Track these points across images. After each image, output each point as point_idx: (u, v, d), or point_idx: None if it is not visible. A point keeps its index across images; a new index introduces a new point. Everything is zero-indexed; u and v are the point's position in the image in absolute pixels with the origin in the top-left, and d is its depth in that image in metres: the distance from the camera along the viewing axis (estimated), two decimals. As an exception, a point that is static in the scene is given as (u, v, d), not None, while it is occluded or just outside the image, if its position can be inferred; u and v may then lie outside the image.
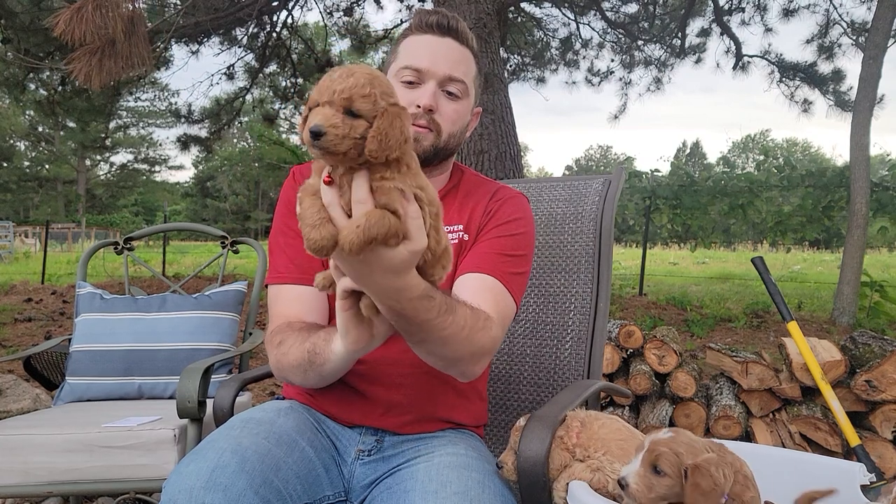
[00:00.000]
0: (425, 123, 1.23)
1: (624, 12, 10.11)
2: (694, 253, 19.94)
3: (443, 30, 1.25)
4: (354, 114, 0.79)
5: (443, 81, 1.25)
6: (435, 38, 1.25)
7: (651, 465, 0.96)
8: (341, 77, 0.80)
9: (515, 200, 1.35)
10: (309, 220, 0.82)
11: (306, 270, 1.23)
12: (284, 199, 1.32)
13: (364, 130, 0.79)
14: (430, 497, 1.01)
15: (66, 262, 15.72)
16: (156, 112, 33.29)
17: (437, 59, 1.24)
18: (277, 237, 1.30)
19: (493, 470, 1.14)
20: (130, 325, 2.24)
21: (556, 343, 1.60)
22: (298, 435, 1.13)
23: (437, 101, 1.24)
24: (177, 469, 0.97)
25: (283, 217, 1.31)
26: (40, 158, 37.88)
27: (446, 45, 1.26)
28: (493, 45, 4.48)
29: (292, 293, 1.24)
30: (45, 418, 1.94)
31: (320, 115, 0.78)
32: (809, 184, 7.69)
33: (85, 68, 4.36)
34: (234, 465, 0.95)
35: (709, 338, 5.66)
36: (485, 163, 4.38)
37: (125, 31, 4.30)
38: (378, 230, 0.79)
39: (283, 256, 1.27)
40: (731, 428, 2.91)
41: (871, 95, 6.02)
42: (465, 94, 1.28)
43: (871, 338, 3.06)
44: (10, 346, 5.34)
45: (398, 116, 0.81)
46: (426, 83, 1.24)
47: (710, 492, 0.93)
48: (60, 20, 4.10)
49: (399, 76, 1.25)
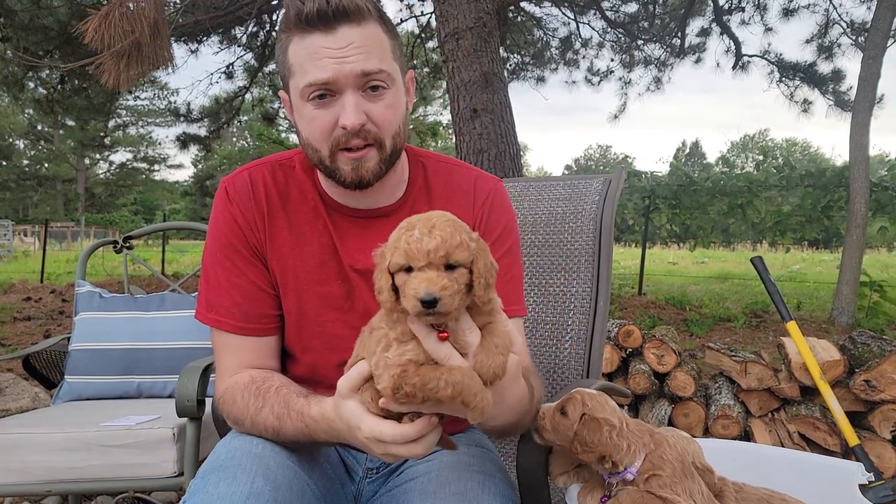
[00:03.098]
0: (359, 143, 1.04)
1: (624, 12, 10.11)
2: (693, 253, 19.96)
3: (327, 19, 0.99)
4: (452, 266, 0.79)
5: (359, 83, 1.02)
6: (325, 37, 1.00)
7: (561, 406, 1.05)
8: (425, 234, 0.79)
9: (498, 198, 1.23)
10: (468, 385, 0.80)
11: (252, 319, 1.13)
12: (219, 223, 1.15)
13: (466, 278, 0.80)
14: (428, 497, 1.01)
15: (66, 260, 15.71)
16: (155, 111, 33.28)
17: (341, 61, 1.00)
18: (217, 270, 1.14)
19: (496, 469, 1.13)
20: (129, 324, 2.24)
21: (555, 342, 1.60)
22: (315, 449, 1.12)
23: (362, 111, 1.03)
24: (204, 487, 0.93)
25: (223, 247, 1.14)
26: (39, 157, 37.87)
27: (343, 37, 1.00)
28: (493, 45, 4.47)
29: (244, 343, 1.13)
30: (44, 417, 1.94)
31: (426, 281, 0.77)
32: (809, 184, 7.69)
33: (113, 71, 4.43)
34: (268, 495, 0.92)
35: (708, 337, 5.67)
36: (484, 162, 4.38)
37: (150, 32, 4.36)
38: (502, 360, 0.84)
39: (224, 296, 1.13)
40: (729, 427, 2.91)
41: (870, 95, 6.02)
42: (390, 80, 1.05)
43: (869, 338, 3.06)
44: (9, 345, 5.34)
45: (484, 251, 0.83)
46: (342, 94, 1.02)
47: (593, 444, 1.00)
48: (90, 27, 4.22)
49: (304, 95, 1.03)
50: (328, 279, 1.15)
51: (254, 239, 1.14)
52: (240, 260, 1.14)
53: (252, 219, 1.14)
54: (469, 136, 4.44)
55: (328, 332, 1.15)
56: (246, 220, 1.14)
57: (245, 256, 1.14)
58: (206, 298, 1.14)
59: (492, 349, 0.82)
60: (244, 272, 1.13)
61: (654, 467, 1.00)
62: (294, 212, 1.16)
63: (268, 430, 1.02)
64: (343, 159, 1.05)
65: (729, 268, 14.98)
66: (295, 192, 1.17)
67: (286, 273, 1.15)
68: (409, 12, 9.74)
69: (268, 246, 1.14)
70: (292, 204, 1.16)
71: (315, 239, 1.15)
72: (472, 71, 4.39)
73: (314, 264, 1.15)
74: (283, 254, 1.15)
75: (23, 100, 10.44)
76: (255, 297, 1.13)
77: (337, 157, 1.05)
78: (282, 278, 1.15)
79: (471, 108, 4.41)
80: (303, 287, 1.15)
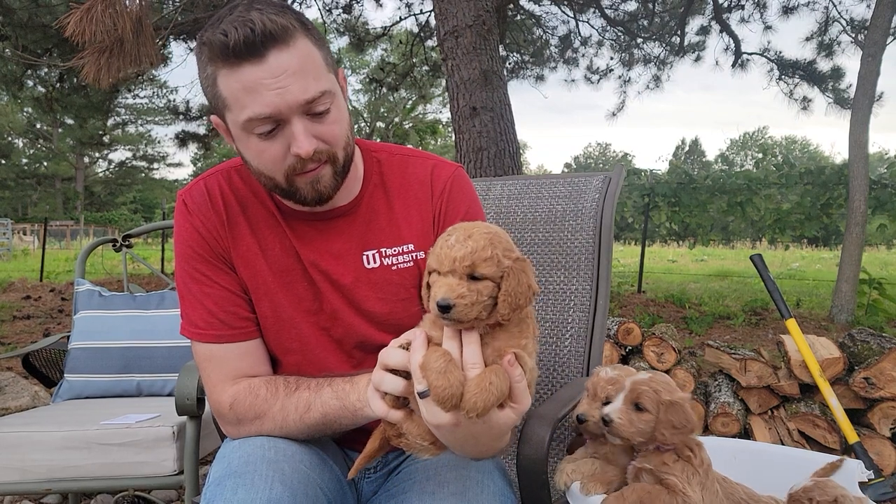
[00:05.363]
0: (315, 164, 1.03)
1: (623, 10, 10.11)
2: (693, 250, 19.97)
3: (255, 48, 0.93)
4: (478, 277, 0.80)
5: (305, 108, 0.98)
6: (257, 67, 0.94)
7: (632, 402, 1.04)
8: (459, 242, 0.80)
9: (457, 185, 1.21)
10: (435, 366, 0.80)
11: (232, 325, 1.12)
12: (183, 236, 1.14)
13: (491, 291, 0.80)
14: (426, 498, 1.01)
15: (65, 259, 15.71)
16: (154, 109, 33.16)
17: (280, 92, 0.95)
18: (188, 283, 1.13)
19: (494, 468, 1.13)
20: (129, 323, 2.24)
21: (555, 340, 1.60)
22: (323, 450, 1.13)
23: (311, 135, 1.00)
24: (222, 494, 0.93)
25: (189, 259, 1.13)
26: (38, 156, 37.79)
27: (277, 65, 0.94)
28: (493, 43, 4.47)
29: (231, 351, 1.12)
30: (44, 416, 1.94)
31: (445, 286, 0.78)
32: (808, 181, 7.68)
33: (94, 67, 4.37)
34: (287, 501, 0.93)
35: (707, 335, 5.67)
36: (483, 160, 4.38)
37: (133, 29, 4.30)
38: (499, 393, 0.80)
39: (200, 308, 1.11)
40: (729, 425, 2.91)
41: (869, 93, 6.01)
42: (330, 96, 1.01)
43: (869, 335, 3.07)
44: (9, 344, 5.34)
45: (523, 272, 0.82)
46: (288, 122, 0.98)
47: (682, 427, 1.01)
48: (71, 21, 4.11)
49: (248, 129, 0.99)
50: (294, 281, 1.15)
51: (218, 247, 1.13)
52: (208, 269, 1.13)
53: (213, 227, 1.13)
54: (468, 135, 4.44)
55: (304, 334, 1.15)
56: (207, 228, 1.13)
57: (213, 264, 1.13)
58: (185, 314, 1.14)
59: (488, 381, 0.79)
60: (215, 280, 1.13)
61: (690, 452, 1.02)
62: (254, 215, 1.16)
63: (299, 408, 1.04)
64: (300, 181, 1.05)
65: (728, 266, 14.99)
66: (252, 197, 1.16)
67: (255, 277, 1.14)
68: (408, 11, 9.74)
69: (233, 252, 1.14)
70: (251, 208, 1.16)
71: (277, 242, 1.15)
72: (472, 69, 4.38)
73: (279, 267, 1.14)
74: (249, 258, 1.14)
75: (21, 98, 10.44)
76: (229, 301, 1.13)
77: (293, 179, 1.05)
78: (251, 283, 1.14)
79: (470, 106, 4.41)
80: (273, 290, 1.14)
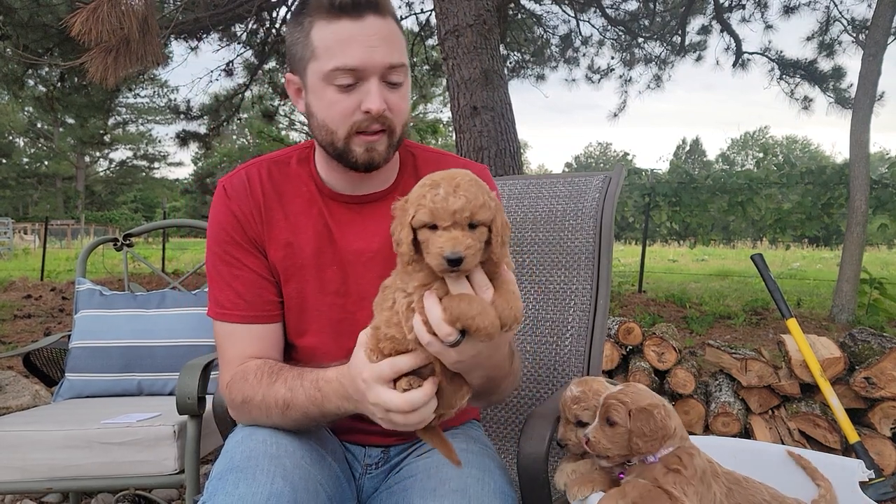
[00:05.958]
0: (377, 127, 1.08)
1: (624, 9, 10.09)
2: (693, 250, 19.96)
3: (358, 7, 1.04)
4: (474, 225, 0.83)
5: (384, 73, 1.06)
6: (354, 24, 1.04)
7: (605, 418, 1.03)
8: (450, 194, 0.82)
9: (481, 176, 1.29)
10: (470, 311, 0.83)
11: (257, 307, 1.16)
12: (218, 219, 1.18)
13: (485, 236, 0.85)
14: (428, 495, 1.01)
15: (66, 258, 15.72)
16: (155, 108, 33.22)
17: (371, 50, 1.04)
18: (218, 265, 1.17)
19: (494, 465, 1.13)
20: (130, 322, 2.24)
21: (555, 340, 1.60)
22: (322, 446, 1.13)
23: (383, 98, 1.07)
24: (223, 488, 0.94)
25: (222, 243, 1.17)
26: (39, 155, 37.81)
27: (372, 27, 1.04)
28: (493, 42, 4.46)
29: (251, 332, 1.16)
30: (45, 415, 1.94)
31: (452, 240, 0.80)
32: (809, 181, 7.66)
33: (101, 67, 4.36)
34: (288, 496, 0.94)
35: (708, 335, 5.67)
36: (484, 160, 4.37)
37: (139, 29, 4.31)
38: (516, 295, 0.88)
39: (228, 290, 1.16)
40: (730, 425, 2.91)
41: (870, 93, 6.01)
42: (405, 74, 1.10)
43: (870, 335, 3.06)
44: (10, 343, 5.34)
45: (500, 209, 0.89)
46: (367, 81, 1.05)
47: (653, 434, 0.99)
48: (77, 21, 4.10)
49: (330, 79, 1.05)
50: (325, 265, 1.18)
51: (252, 231, 1.17)
52: (239, 252, 1.17)
53: (249, 211, 1.17)
54: (469, 134, 4.44)
55: (325, 317, 1.18)
56: (243, 212, 1.17)
57: (244, 248, 1.17)
58: (213, 296, 1.18)
59: (508, 296, 0.86)
60: (244, 263, 1.17)
61: (679, 462, 0.99)
62: (289, 203, 1.20)
63: (278, 403, 1.04)
64: (358, 141, 1.09)
65: (729, 265, 14.98)
66: (290, 187, 1.21)
67: (285, 261, 1.18)
68: (409, 10, 9.74)
69: (266, 237, 1.18)
70: (287, 196, 1.20)
71: (311, 227, 1.18)
72: (472, 68, 4.38)
73: (311, 251, 1.18)
74: (282, 243, 1.18)
75: (22, 97, 10.43)
76: (257, 284, 1.17)
77: (352, 139, 1.09)
78: (282, 266, 1.18)
79: (471, 105, 4.41)
80: (302, 274, 1.18)
